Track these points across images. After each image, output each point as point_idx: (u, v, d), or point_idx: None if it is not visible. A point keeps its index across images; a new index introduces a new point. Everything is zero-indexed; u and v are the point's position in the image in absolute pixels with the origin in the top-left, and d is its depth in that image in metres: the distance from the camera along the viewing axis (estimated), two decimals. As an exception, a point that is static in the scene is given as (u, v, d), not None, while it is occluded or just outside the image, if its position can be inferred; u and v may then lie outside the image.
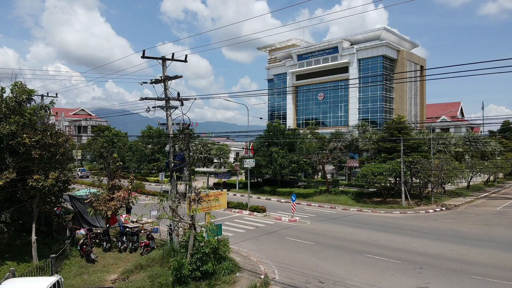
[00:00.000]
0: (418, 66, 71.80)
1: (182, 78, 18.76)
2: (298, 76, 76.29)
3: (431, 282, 15.56)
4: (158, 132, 69.96)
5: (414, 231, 25.13)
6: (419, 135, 47.42)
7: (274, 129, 43.64)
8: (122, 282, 15.91)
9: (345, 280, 15.84)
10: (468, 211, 33.65)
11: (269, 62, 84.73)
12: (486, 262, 18.08)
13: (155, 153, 63.91)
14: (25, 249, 19.86)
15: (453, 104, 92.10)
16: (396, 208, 33.87)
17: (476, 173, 45.94)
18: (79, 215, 25.04)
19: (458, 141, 50.50)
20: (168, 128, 18.87)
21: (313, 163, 42.20)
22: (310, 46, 75.22)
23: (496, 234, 24.16)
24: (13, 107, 18.21)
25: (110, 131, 72.56)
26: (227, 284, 15.32)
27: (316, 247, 21.27)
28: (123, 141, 70.08)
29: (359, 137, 46.79)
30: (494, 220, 28.77)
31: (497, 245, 21.35)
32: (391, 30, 67.50)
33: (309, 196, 39.03)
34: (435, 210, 33.69)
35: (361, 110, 68.07)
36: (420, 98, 72.92)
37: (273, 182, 44.66)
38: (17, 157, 17.94)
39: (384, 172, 34.54)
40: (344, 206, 35.26)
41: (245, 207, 31.97)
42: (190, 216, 16.16)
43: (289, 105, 78.07)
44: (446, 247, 20.98)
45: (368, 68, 67.01)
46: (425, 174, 35.55)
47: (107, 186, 21.38)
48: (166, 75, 18.27)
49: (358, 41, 68.75)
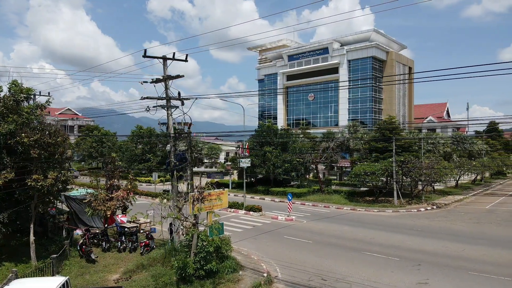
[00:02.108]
0: (407, 67, 72.99)
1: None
2: (289, 76, 76.69)
3: (431, 278, 15.92)
4: (149, 131, 69.56)
5: (408, 229, 25.60)
6: (409, 135, 48.20)
7: (268, 129, 43.82)
8: (125, 282, 15.85)
9: (347, 278, 16.09)
10: (458, 209, 34.40)
11: (260, 62, 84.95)
12: (481, 259, 18.57)
13: (146, 153, 63.48)
14: (21, 250, 19.58)
15: (439, 105, 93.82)
16: (389, 207, 34.40)
17: (464, 172, 46.91)
18: (75, 216, 24.76)
19: (446, 141, 51.50)
20: (169, 128, 18.84)
21: (306, 162, 42.53)
22: (301, 46, 75.68)
23: (488, 232, 24.78)
24: (11, 106, 17.96)
25: (99, 131, 71.73)
26: (231, 282, 15.40)
27: (314, 245, 21.51)
28: (113, 141, 69.40)
29: (352, 137, 47.29)
30: (485, 218, 29.50)
31: (490, 242, 21.91)
32: (380, 31, 68.43)
33: (302, 195, 39.33)
34: (427, 208, 34.33)
35: (351, 111, 68.77)
36: (408, 99, 74.08)
37: (266, 182, 44.84)
38: (14, 156, 17.72)
39: (377, 171, 35.05)
40: (338, 205, 35.66)
41: (241, 206, 32.06)
42: (194, 215, 16.21)
43: (279, 105, 78.40)
44: (441, 244, 21.45)
45: (358, 69, 67.74)
46: (416, 174, 36.19)
47: (105, 186, 21.24)
48: (168, 74, 18.25)
49: (348, 42, 69.49)
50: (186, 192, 16.86)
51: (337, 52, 69.23)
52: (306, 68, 73.04)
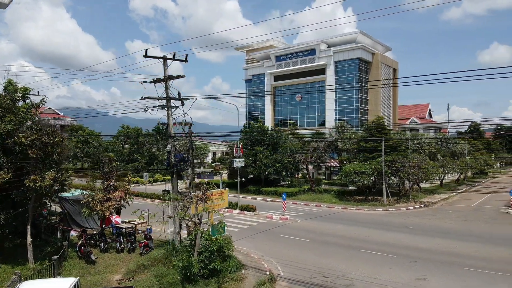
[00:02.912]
0: (392, 69, 74.42)
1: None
2: (276, 77, 77.10)
3: (428, 274, 16.44)
4: (136, 131, 68.83)
5: (400, 227, 26.23)
6: (397, 136, 49.21)
7: (259, 128, 44.02)
8: (129, 282, 15.79)
9: (347, 275, 16.45)
10: (445, 208, 35.37)
11: (247, 63, 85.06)
12: (474, 255, 19.25)
13: (133, 153, 62.82)
14: (16, 251, 19.29)
15: (422, 106, 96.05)
16: (379, 206, 35.09)
17: (449, 171, 48.18)
18: (68, 216, 24.42)
19: (431, 141, 52.82)
20: (169, 128, 18.84)
21: (296, 162, 42.93)
22: (288, 47, 76.18)
23: (477, 230, 25.61)
24: (7, 106, 17.64)
25: (84, 131, 70.53)
26: (235, 281, 15.56)
27: (312, 244, 21.84)
28: (98, 141, 68.34)
29: (344, 138, 47.96)
30: (472, 216, 30.44)
31: (480, 239, 22.68)
32: (366, 33, 69.52)
33: (293, 194, 39.68)
34: (415, 207, 35.16)
35: (337, 111, 69.60)
36: (393, 100, 75.50)
37: (257, 181, 45.04)
38: (11, 157, 17.40)
39: (367, 171, 35.71)
40: (329, 204, 36.16)
41: (235, 206, 32.17)
42: (197, 214, 16.30)
43: (267, 105, 78.73)
44: (434, 241, 22.10)
45: (344, 70, 68.64)
46: (404, 173, 37.02)
47: (103, 187, 21.05)
48: (169, 74, 18.25)
49: (335, 43, 70.35)
50: (189, 192, 16.90)
51: (324, 53, 69.99)
52: (293, 69, 73.58)
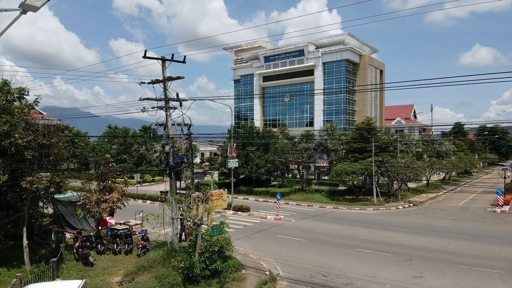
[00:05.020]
0: (378, 70, 75.57)
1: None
2: (265, 77, 77.42)
3: (424, 272, 16.85)
4: (125, 131, 68.10)
5: (392, 226, 26.75)
6: (385, 137, 50.02)
7: (250, 129, 44.14)
8: (129, 284, 15.74)
9: (346, 273, 16.73)
10: (433, 207, 36.17)
11: (236, 63, 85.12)
12: (467, 253, 19.80)
13: (121, 153, 62.16)
14: (10, 254, 19.00)
15: (407, 107, 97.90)
16: (369, 205, 35.66)
17: (436, 171, 49.22)
18: (61, 218, 24.14)
19: (418, 142, 53.92)
20: (168, 129, 18.82)
21: (287, 162, 43.22)
22: (277, 48, 76.57)
23: (466, 228, 26.31)
24: (3, 106, 17.32)
25: (70, 131, 69.41)
26: (236, 281, 15.66)
27: (308, 243, 22.09)
28: (85, 141, 67.41)
29: (335, 138, 48.49)
30: (461, 215, 31.24)
31: (471, 237, 23.32)
32: (354, 35, 70.43)
33: (285, 194, 39.93)
34: (404, 206, 35.86)
35: (325, 112, 70.36)
36: (380, 101, 76.67)
37: (248, 182, 45.16)
38: (7, 158, 17.10)
39: (357, 171, 36.22)
40: (321, 203, 36.57)
41: (229, 206, 32.20)
42: (198, 215, 16.34)
43: (256, 106, 78.97)
44: (427, 240, 22.62)
45: (332, 71, 69.42)
46: (393, 173, 37.72)
47: (99, 188, 20.86)
48: (168, 75, 18.23)
49: (323, 45, 71.06)
50: (190, 193, 16.94)
51: (313, 55, 70.63)
52: (282, 70, 74.02)
